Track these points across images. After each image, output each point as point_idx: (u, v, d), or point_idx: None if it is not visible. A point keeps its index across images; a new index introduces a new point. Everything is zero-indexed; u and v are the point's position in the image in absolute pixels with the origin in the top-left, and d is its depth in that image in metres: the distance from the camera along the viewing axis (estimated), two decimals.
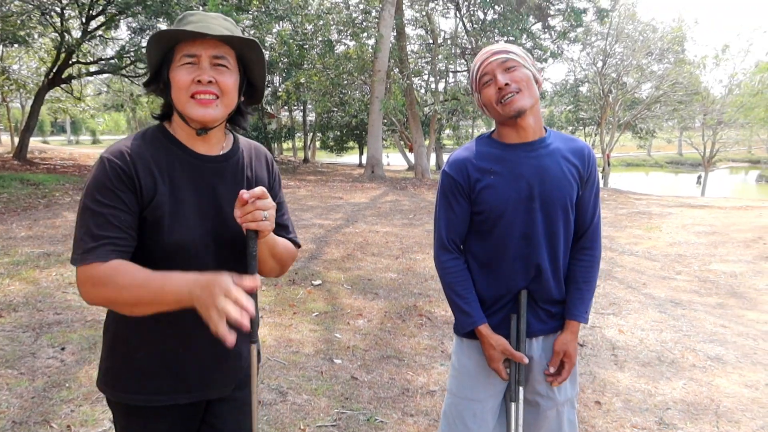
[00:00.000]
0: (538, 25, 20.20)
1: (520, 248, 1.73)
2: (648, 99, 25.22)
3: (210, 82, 1.27)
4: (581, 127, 31.25)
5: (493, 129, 1.86)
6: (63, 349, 3.65)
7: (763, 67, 24.94)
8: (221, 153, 1.40)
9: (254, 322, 1.32)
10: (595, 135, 27.52)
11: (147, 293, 1.17)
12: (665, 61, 24.05)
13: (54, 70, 14.26)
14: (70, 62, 14.44)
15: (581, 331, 4.52)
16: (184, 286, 1.12)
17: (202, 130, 1.33)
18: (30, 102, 15.16)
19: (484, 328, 1.77)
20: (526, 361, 1.76)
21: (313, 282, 5.47)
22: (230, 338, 1.03)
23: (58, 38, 13.59)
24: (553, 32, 20.30)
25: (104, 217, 1.22)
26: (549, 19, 20.03)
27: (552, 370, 1.78)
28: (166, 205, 1.28)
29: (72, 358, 3.53)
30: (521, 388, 1.78)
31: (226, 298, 1.04)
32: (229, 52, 1.32)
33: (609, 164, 25.98)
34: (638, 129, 29.36)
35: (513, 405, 1.78)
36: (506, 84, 1.65)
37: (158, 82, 1.33)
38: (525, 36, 18.65)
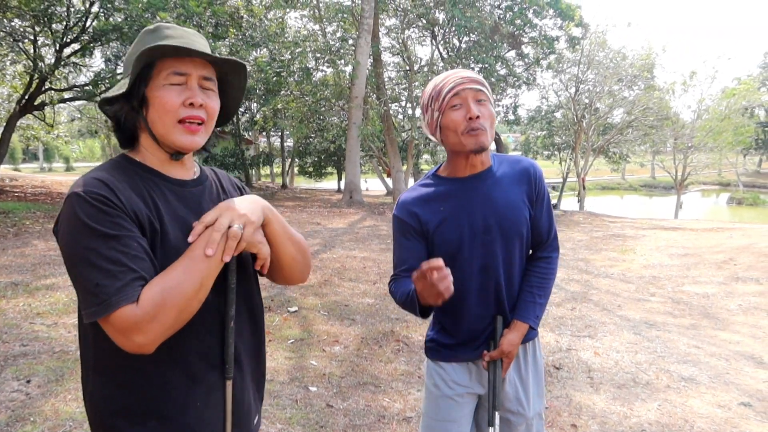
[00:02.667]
0: (512, 53, 20.64)
1: (480, 280, 1.75)
2: (620, 124, 25.76)
3: (201, 105, 1.17)
4: (556, 152, 31.75)
5: (438, 166, 1.86)
6: (28, 381, 3.54)
7: (729, 93, 25.73)
8: (195, 177, 1.30)
9: (227, 354, 1.22)
10: (570, 159, 27.96)
11: (202, 262, 1.08)
12: (636, 87, 24.63)
13: (26, 97, 14.09)
14: (43, 89, 14.29)
15: (557, 354, 4.53)
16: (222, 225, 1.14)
17: (177, 155, 1.22)
18: (0, 129, 14.92)
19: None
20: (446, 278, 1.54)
21: (289, 309, 5.41)
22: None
23: (31, 65, 13.46)
24: (526, 59, 20.75)
25: (115, 250, 1.03)
26: (522, 46, 20.48)
27: (487, 359, 1.77)
28: (158, 234, 1.13)
29: (38, 391, 3.42)
30: (497, 413, 1.78)
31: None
32: (213, 73, 1.23)
33: (584, 188, 26.38)
34: (611, 153, 29.95)
35: (491, 429, 1.77)
36: (478, 116, 1.62)
37: (131, 99, 1.17)
38: (499, 63, 19.03)
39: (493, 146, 1.80)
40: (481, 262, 1.73)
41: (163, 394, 1.16)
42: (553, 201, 24.76)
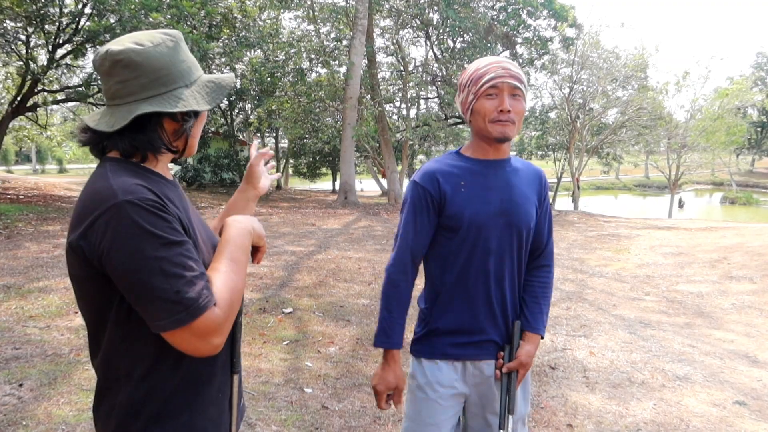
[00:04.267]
0: (506, 53, 20.68)
1: (485, 264, 1.74)
2: (614, 124, 25.85)
3: None
4: (551, 152, 31.83)
5: (460, 147, 1.89)
6: (21, 385, 3.51)
7: (722, 93, 25.87)
8: (172, 178, 1.34)
9: (236, 348, 1.28)
10: (565, 159, 28.03)
11: (242, 263, 1.18)
12: (629, 87, 24.74)
13: (19, 98, 14.02)
14: (36, 90, 14.22)
15: (552, 354, 4.53)
16: (245, 229, 1.25)
17: (177, 160, 1.32)
18: None
19: (396, 354, 1.80)
20: (390, 408, 1.81)
21: (283, 310, 5.40)
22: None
23: (23, 66, 13.39)
24: (520, 60, 20.79)
25: (183, 255, 1.06)
26: (516, 47, 20.52)
27: (505, 370, 1.77)
28: (189, 233, 1.16)
29: (30, 395, 3.39)
30: (511, 417, 1.75)
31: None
32: None
33: (578, 188, 26.45)
34: (603, 154, 30.07)
35: None
36: (509, 111, 1.68)
37: (198, 114, 1.24)
38: None
39: None
40: (491, 245, 1.74)
41: (187, 393, 1.19)
42: None
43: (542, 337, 1.85)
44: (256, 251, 1.36)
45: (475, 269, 1.75)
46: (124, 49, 1.14)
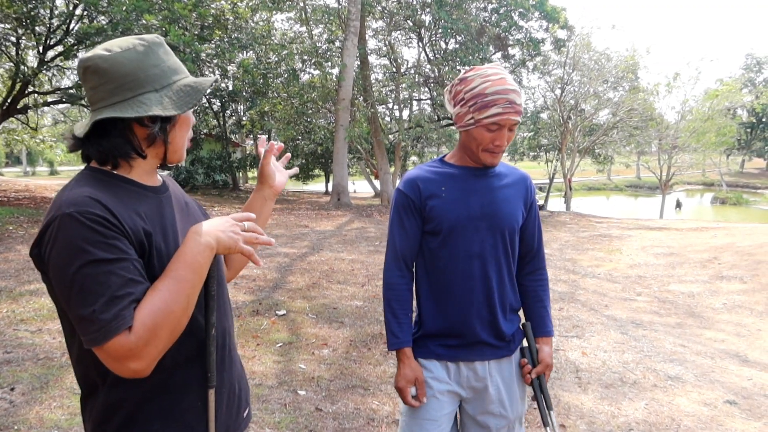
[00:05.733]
0: (498, 54, 20.75)
1: (469, 267, 1.78)
2: (605, 125, 25.98)
3: None
4: (543, 153, 31.93)
5: (445, 154, 1.93)
6: (12, 389, 3.49)
7: (712, 94, 26.08)
8: (161, 183, 1.31)
9: (209, 362, 1.23)
10: (557, 160, 28.13)
11: (187, 283, 1.09)
12: (620, 88, 24.89)
13: (9, 100, 13.92)
14: (26, 92, 14.13)
15: None
16: (202, 244, 1.13)
17: (164, 166, 1.29)
18: None
19: (408, 351, 1.83)
20: (422, 402, 1.80)
21: (277, 312, 5.39)
22: (259, 261, 1.25)
23: (13, 68, 13.31)
24: (512, 61, 20.86)
25: (112, 274, 1.03)
26: (508, 48, 20.59)
27: (534, 375, 1.86)
28: (153, 245, 1.14)
29: (22, 399, 3.37)
30: (552, 413, 1.83)
31: (245, 231, 1.22)
32: None
33: (570, 188, 26.55)
34: (597, 154, 30.23)
35: (548, 429, 1.84)
36: (503, 144, 1.76)
37: (173, 118, 1.21)
38: (485, 65, 19.10)
39: None
40: (474, 248, 1.77)
41: (160, 401, 1.19)
42: (540, 202, 24.92)
43: (552, 335, 1.93)
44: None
45: (460, 272, 1.78)
46: (92, 56, 1.15)
